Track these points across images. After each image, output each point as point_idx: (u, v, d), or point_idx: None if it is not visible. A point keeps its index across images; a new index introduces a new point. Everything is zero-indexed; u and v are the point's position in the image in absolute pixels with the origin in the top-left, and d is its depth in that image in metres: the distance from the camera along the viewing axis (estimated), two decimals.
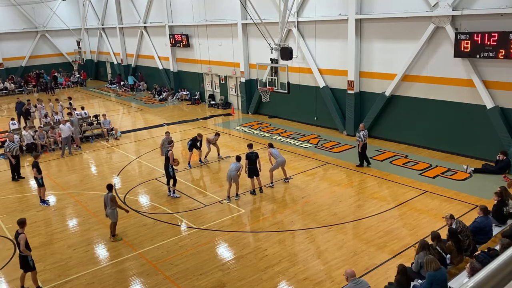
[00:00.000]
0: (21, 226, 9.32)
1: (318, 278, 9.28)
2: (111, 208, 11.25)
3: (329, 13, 19.60)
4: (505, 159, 14.39)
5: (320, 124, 21.57)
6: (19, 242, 9.09)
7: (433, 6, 15.66)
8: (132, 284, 9.50)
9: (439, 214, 11.65)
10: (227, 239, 11.16)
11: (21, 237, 9.09)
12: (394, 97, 18.11)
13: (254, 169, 13.60)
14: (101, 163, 18.16)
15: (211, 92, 29.05)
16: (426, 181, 14.24)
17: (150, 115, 26.72)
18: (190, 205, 13.31)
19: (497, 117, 14.83)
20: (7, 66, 38.44)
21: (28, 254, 9.18)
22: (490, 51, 14.03)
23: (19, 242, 9.11)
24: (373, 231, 11.12)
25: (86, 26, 39.41)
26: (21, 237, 9.10)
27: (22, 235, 9.15)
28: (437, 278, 7.42)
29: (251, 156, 13.57)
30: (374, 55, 18.39)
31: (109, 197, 11.24)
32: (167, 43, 30.81)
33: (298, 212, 12.52)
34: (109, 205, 11.24)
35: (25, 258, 9.18)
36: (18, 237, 9.15)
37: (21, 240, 9.06)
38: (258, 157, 13.68)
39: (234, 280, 9.36)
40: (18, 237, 9.15)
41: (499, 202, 10.18)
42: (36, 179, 13.87)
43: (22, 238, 9.08)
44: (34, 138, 19.68)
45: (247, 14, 22.20)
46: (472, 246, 9.04)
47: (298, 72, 21.62)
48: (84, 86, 40.10)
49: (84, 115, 23.30)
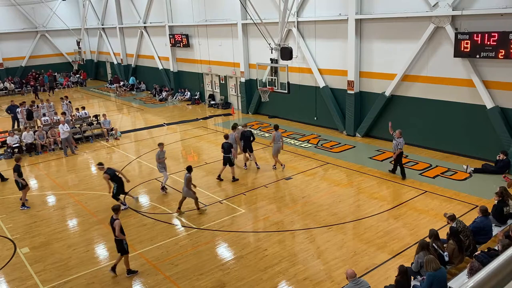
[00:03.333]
0: (115, 212, 9.76)
1: (318, 278, 9.28)
2: (187, 187, 12.25)
3: (329, 13, 19.60)
4: (505, 159, 14.39)
5: (320, 124, 21.57)
6: (114, 228, 9.53)
7: (433, 6, 15.66)
8: (132, 284, 9.50)
9: (439, 214, 11.65)
10: (227, 239, 11.15)
11: (116, 223, 9.53)
12: (394, 97, 18.10)
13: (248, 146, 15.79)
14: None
15: (211, 92, 29.06)
16: (426, 181, 14.24)
17: (150, 115, 26.72)
18: (190, 205, 13.31)
19: (497, 117, 14.83)
20: (7, 66, 38.44)
21: (123, 238, 9.62)
22: (490, 51, 14.03)
23: (114, 228, 9.54)
24: (373, 231, 11.12)
25: (86, 26, 39.41)
26: (116, 222, 9.54)
27: (117, 221, 9.59)
28: (437, 278, 7.42)
29: (245, 133, 15.72)
30: (374, 55, 18.39)
31: (186, 178, 12.21)
32: (167, 43, 30.81)
33: (298, 212, 12.52)
34: (186, 184, 12.22)
35: (121, 242, 9.66)
36: (114, 222, 9.56)
37: (116, 225, 9.51)
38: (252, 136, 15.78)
39: (234, 280, 9.36)
40: (114, 222, 9.56)
41: (499, 202, 10.19)
42: (16, 182, 13.79)
43: (117, 224, 9.52)
44: (34, 138, 19.69)
45: (247, 14, 22.20)
46: (472, 246, 9.04)
47: (298, 72, 21.61)
48: (84, 86, 40.11)
49: (84, 115, 23.31)
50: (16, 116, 23.51)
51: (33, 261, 10.58)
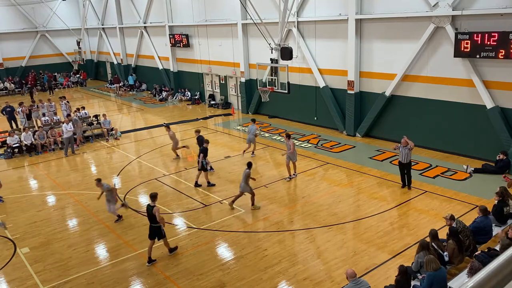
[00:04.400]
0: (153, 199, 10.18)
1: (318, 278, 9.28)
2: (245, 183, 12.42)
3: (329, 13, 19.60)
4: (505, 159, 14.39)
5: (320, 124, 21.57)
6: (154, 214, 9.92)
7: (433, 6, 15.66)
8: (132, 284, 9.50)
9: (439, 214, 11.65)
10: (227, 239, 11.15)
11: (156, 209, 9.97)
12: (394, 97, 18.10)
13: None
14: (101, 163, 18.16)
15: (211, 92, 29.05)
16: (426, 181, 14.24)
17: (150, 115, 26.72)
18: (190, 205, 13.32)
19: (497, 117, 14.82)
20: (7, 66, 38.43)
21: (163, 223, 10.21)
22: (490, 51, 14.03)
23: (153, 214, 9.94)
24: (373, 231, 11.12)
25: (86, 26, 39.40)
26: (155, 209, 9.96)
27: (156, 207, 10.01)
28: (437, 278, 7.42)
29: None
30: (374, 55, 18.39)
31: (246, 174, 12.37)
32: (167, 43, 30.81)
33: (298, 212, 12.52)
34: (244, 180, 12.38)
35: (159, 228, 10.12)
36: (152, 209, 9.96)
37: (156, 212, 9.94)
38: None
39: (234, 280, 9.36)
40: (152, 209, 9.96)
41: (500, 202, 10.19)
42: None
43: (156, 210, 9.96)
44: (34, 138, 19.69)
45: (247, 14, 22.20)
46: (472, 246, 9.04)
47: (298, 72, 21.61)
48: (84, 86, 40.11)
49: (84, 115, 23.31)
50: (11, 118, 23.10)
51: (33, 261, 10.58)
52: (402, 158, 13.32)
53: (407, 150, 13.18)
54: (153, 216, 9.97)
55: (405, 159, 13.28)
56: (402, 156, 13.32)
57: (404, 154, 13.24)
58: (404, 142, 13.19)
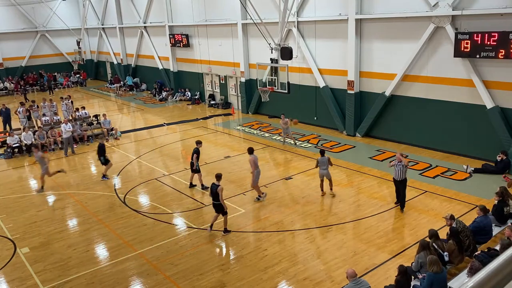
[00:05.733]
0: (218, 179, 11.03)
1: (318, 278, 9.28)
2: (325, 169, 13.00)
3: (329, 13, 19.60)
4: (505, 159, 14.39)
5: (320, 124, 21.57)
6: (218, 193, 10.75)
7: (433, 6, 15.66)
8: (132, 284, 9.50)
9: (439, 214, 11.65)
10: (227, 239, 11.15)
11: (220, 189, 10.80)
12: (394, 97, 18.10)
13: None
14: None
15: (211, 92, 29.05)
16: (426, 181, 14.24)
17: (150, 115, 26.72)
18: (190, 205, 13.32)
19: (497, 117, 14.83)
20: (7, 66, 38.43)
21: (223, 203, 10.93)
22: (490, 51, 14.03)
23: (217, 192, 10.76)
24: (373, 231, 11.12)
25: (86, 26, 39.38)
26: (219, 188, 10.80)
27: (220, 187, 10.83)
28: (437, 278, 7.42)
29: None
30: (374, 55, 18.39)
31: (327, 160, 12.98)
32: (167, 43, 30.81)
33: (298, 212, 12.52)
34: (326, 165, 12.96)
35: (221, 205, 10.94)
36: (217, 188, 10.78)
37: (220, 191, 10.78)
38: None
39: (234, 280, 9.36)
40: (217, 188, 10.78)
41: (500, 202, 10.19)
42: None
43: (220, 189, 10.80)
44: (34, 138, 19.68)
45: (247, 14, 22.19)
46: (472, 246, 9.04)
47: (298, 72, 21.61)
48: (84, 86, 40.11)
49: (84, 115, 23.31)
50: (6, 119, 22.82)
51: (33, 261, 10.58)
52: (396, 175, 12.00)
53: (401, 167, 11.86)
54: (216, 194, 10.80)
55: (399, 176, 11.94)
56: (395, 173, 12.01)
57: (397, 171, 11.94)
58: (398, 158, 12.02)
